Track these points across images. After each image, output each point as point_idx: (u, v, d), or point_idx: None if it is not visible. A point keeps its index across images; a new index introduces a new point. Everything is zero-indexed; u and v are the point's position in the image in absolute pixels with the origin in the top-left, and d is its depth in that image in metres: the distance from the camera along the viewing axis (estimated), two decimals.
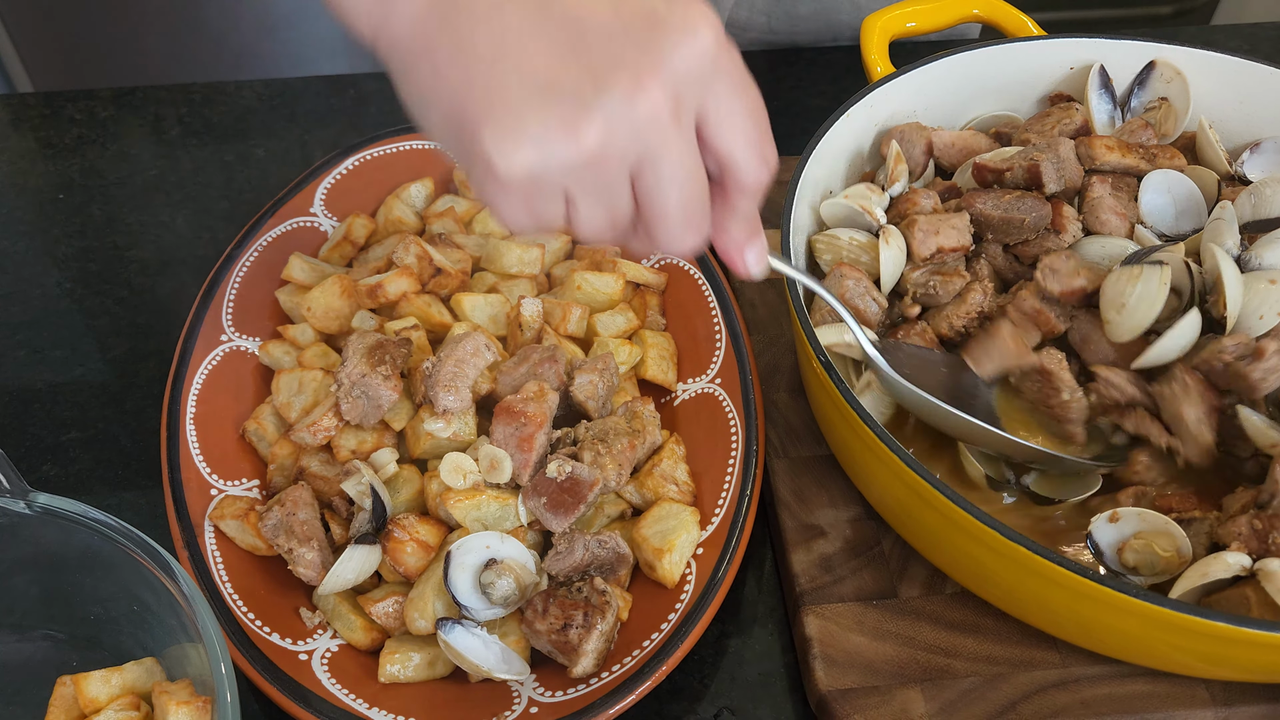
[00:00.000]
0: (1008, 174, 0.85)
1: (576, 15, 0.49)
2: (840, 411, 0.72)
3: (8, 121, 1.15)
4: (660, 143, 0.50)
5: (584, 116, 0.48)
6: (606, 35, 0.49)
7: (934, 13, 0.99)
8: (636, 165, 0.51)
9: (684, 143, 0.51)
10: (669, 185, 0.52)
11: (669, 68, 0.49)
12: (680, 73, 0.49)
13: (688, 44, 0.49)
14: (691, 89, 0.50)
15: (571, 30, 0.49)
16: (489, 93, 0.49)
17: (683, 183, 0.52)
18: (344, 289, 0.88)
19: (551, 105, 0.49)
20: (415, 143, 1.02)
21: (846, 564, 0.79)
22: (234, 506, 0.78)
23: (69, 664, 0.74)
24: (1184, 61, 0.92)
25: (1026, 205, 0.82)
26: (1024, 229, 0.82)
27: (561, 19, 0.49)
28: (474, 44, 0.49)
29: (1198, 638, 0.63)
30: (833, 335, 0.79)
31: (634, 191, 0.53)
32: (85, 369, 0.94)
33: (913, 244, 0.83)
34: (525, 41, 0.49)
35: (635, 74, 0.48)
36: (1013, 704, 0.73)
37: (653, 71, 0.48)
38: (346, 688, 0.72)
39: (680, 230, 0.54)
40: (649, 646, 0.72)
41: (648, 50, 0.48)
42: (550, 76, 0.49)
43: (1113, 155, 0.86)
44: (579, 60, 0.49)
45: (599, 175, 0.51)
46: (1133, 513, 0.71)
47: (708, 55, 0.50)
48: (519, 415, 0.78)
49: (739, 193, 0.54)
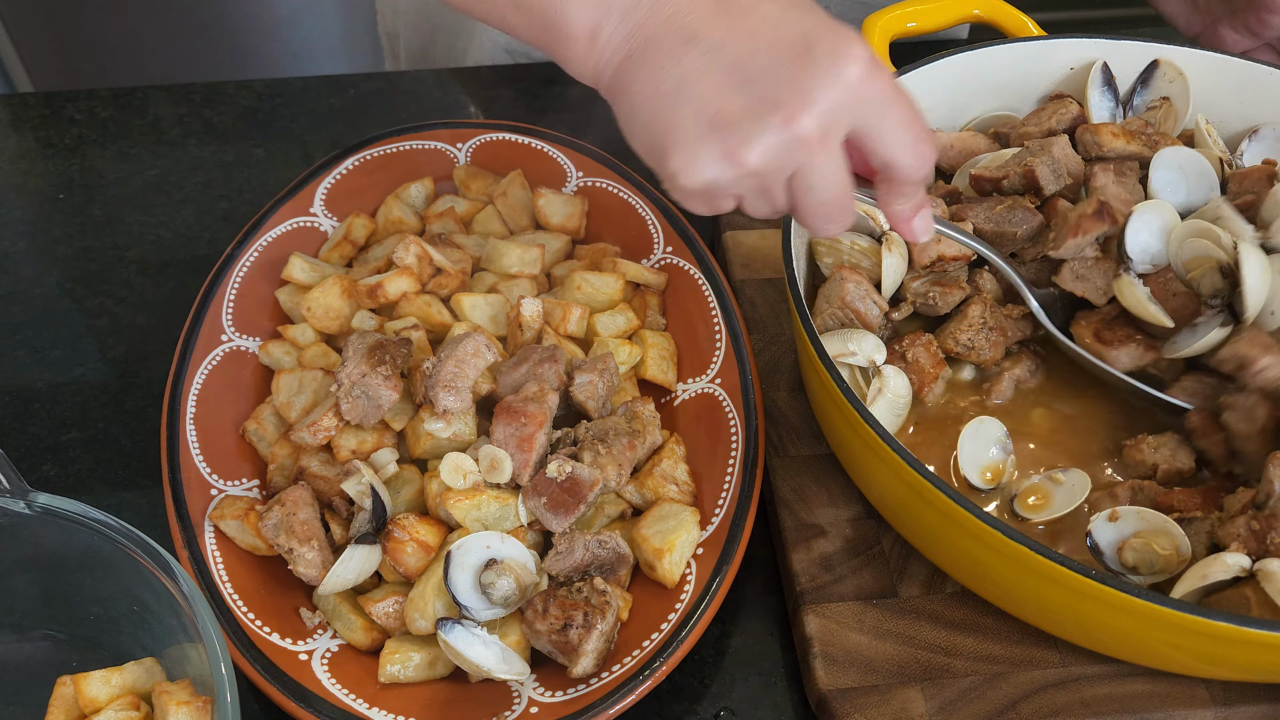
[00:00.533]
0: (1004, 181, 0.86)
1: (740, 58, 0.59)
2: (840, 410, 0.72)
3: (8, 121, 1.15)
4: (807, 159, 0.61)
5: (745, 146, 0.60)
6: (764, 75, 0.59)
7: (934, 13, 0.99)
8: (790, 175, 0.63)
9: (827, 158, 0.61)
10: (813, 191, 0.63)
11: (817, 103, 0.59)
12: (828, 104, 0.59)
13: (833, 79, 0.59)
14: (839, 114, 0.60)
15: (737, 72, 0.59)
16: (672, 126, 0.61)
17: (823, 188, 0.63)
18: (344, 289, 0.88)
19: (720, 137, 0.60)
20: (415, 143, 1.02)
21: (846, 563, 0.79)
22: (234, 506, 0.78)
23: (69, 664, 0.74)
24: (1185, 61, 0.93)
25: (1018, 217, 0.83)
26: (1017, 240, 0.83)
27: (729, 63, 0.59)
28: (660, 84, 0.61)
29: (1197, 637, 0.63)
30: (836, 345, 0.79)
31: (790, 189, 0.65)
32: (85, 369, 0.94)
33: (913, 251, 0.83)
34: (700, 82, 0.60)
35: (789, 110, 0.59)
36: (1012, 703, 0.73)
37: (803, 107, 0.59)
38: (346, 688, 0.72)
39: (822, 221, 0.66)
40: (649, 646, 0.72)
41: (798, 89, 0.59)
42: (720, 111, 0.60)
43: (1118, 142, 0.86)
44: (743, 97, 0.59)
45: (759, 184, 0.63)
46: (1132, 512, 0.71)
47: (851, 86, 0.59)
48: (519, 415, 0.78)
49: (901, 184, 0.66)
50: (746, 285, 0.97)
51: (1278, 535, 0.67)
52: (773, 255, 0.98)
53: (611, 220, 0.99)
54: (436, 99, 1.18)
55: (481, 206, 0.99)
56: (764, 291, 0.96)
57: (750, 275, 0.97)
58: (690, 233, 0.95)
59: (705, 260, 0.93)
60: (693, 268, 0.93)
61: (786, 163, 0.61)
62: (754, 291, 0.96)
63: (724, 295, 0.91)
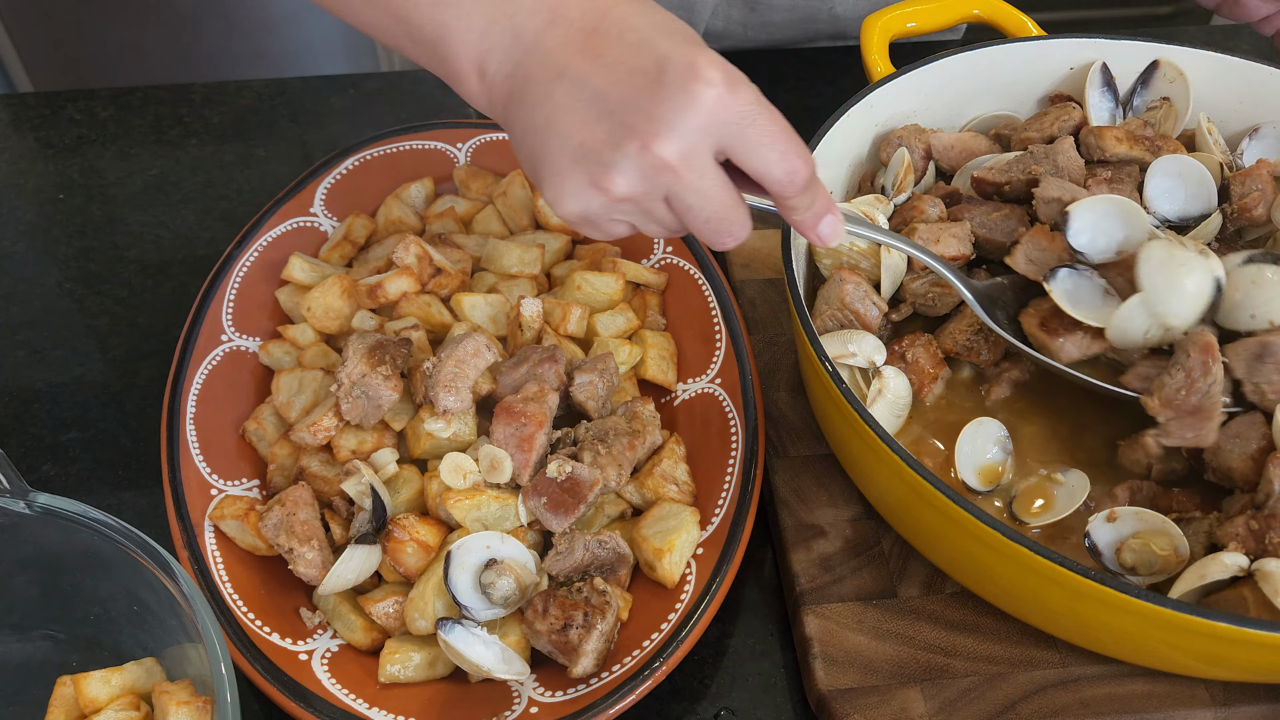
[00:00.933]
0: (1007, 187, 0.85)
1: (600, 89, 0.61)
2: (840, 411, 0.72)
3: (8, 121, 1.15)
4: (674, 182, 0.62)
5: (608, 175, 0.62)
6: (622, 104, 0.60)
7: (934, 13, 0.99)
8: (665, 198, 0.63)
9: (696, 178, 0.62)
10: (693, 210, 0.64)
11: (670, 127, 0.60)
12: (682, 128, 0.60)
13: (685, 103, 0.60)
14: (696, 137, 0.61)
15: (599, 103, 0.61)
16: (544, 158, 0.64)
17: (701, 207, 0.64)
18: (344, 289, 0.88)
19: (583, 167, 0.62)
20: (415, 143, 1.02)
21: (846, 563, 0.79)
22: (234, 506, 0.78)
23: (69, 664, 0.74)
24: (1185, 61, 0.93)
25: (1010, 227, 0.83)
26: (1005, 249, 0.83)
27: (591, 95, 0.61)
28: (534, 120, 0.63)
29: (1195, 637, 0.63)
30: (836, 346, 0.79)
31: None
32: (85, 369, 0.94)
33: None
34: (566, 116, 0.62)
35: (643, 137, 0.60)
36: (1012, 704, 0.73)
37: (656, 133, 0.60)
38: (346, 688, 0.72)
39: (715, 236, 0.66)
40: (649, 646, 0.72)
41: (651, 116, 0.60)
42: (583, 143, 0.62)
43: (1121, 147, 0.86)
44: (602, 127, 0.61)
45: (637, 208, 0.64)
46: (1130, 512, 0.71)
47: (705, 108, 0.60)
48: (519, 415, 0.78)
49: (783, 197, 0.66)
50: (746, 285, 0.97)
51: (1277, 535, 0.67)
52: (773, 255, 0.98)
53: None
54: (436, 99, 1.19)
55: (481, 206, 0.99)
56: (764, 291, 0.96)
57: (750, 275, 0.97)
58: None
59: (705, 260, 0.93)
60: (693, 268, 0.93)
61: (653, 187, 0.62)
62: (754, 291, 0.96)
63: (724, 295, 0.91)
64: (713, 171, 0.63)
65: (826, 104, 0.89)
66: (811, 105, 1.17)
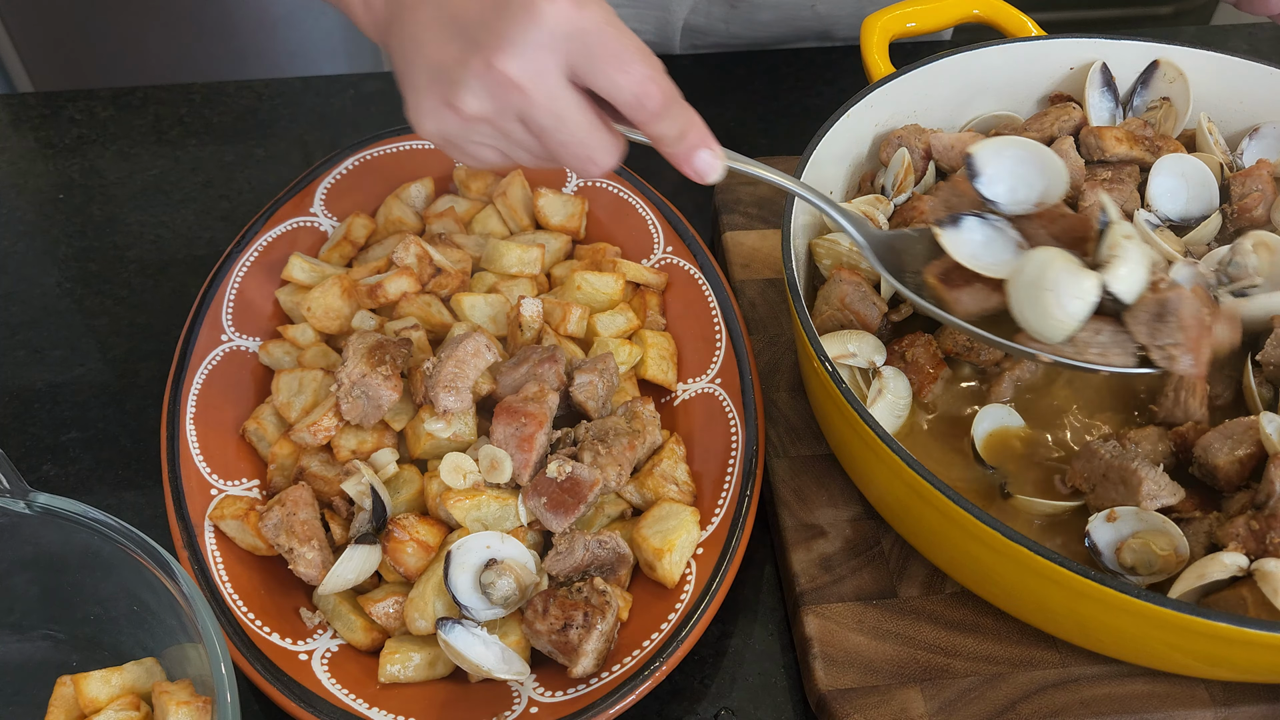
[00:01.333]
0: None
1: (456, 10, 0.62)
2: (840, 411, 0.72)
3: (8, 121, 1.15)
4: (523, 101, 0.61)
5: (456, 93, 0.62)
6: (472, 23, 0.61)
7: (934, 13, 0.99)
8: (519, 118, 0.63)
9: (546, 98, 0.61)
10: (548, 132, 0.63)
11: (513, 44, 0.60)
12: (524, 45, 0.60)
13: (527, 21, 0.60)
14: (540, 55, 0.60)
15: (454, 24, 0.62)
16: (405, 77, 0.65)
17: (556, 129, 0.63)
18: (344, 289, 0.88)
19: (437, 86, 0.63)
20: (415, 143, 1.02)
21: (846, 563, 0.79)
22: (234, 506, 0.78)
23: (69, 664, 0.74)
24: (1185, 61, 0.93)
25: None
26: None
27: (449, 16, 0.62)
28: (401, 39, 0.65)
29: (1195, 637, 0.63)
30: (836, 346, 0.79)
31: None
32: (85, 369, 0.94)
33: None
34: (425, 35, 0.63)
35: (486, 54, 0.60)
36: (1012, 704, 0.73)
37: (497, 50, 0.60)
38: (346, 688, 0.72)
39: (576, 162, 0.65)
40: (649, 646, 0.72)
41: (495, 33, 0.60)
42: (438, 62, 0.63)
43: (1121, 147, 0.86)
44: (455, 46, 0.62)
45: (494, 129, 0.64)
46: (1130, 512, 0.71)
47: (547, 26, 0.60)
48: (519, 415, 0.78)
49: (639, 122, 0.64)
50: (746, 285, 0.97)
51: (1277, 535, 0.67)
52: (773, 255, 0.98)
53: (611, 220, 0.99)
54: None
55: (481, 206, 0.99)
56: (764, 292, 0.96)
57: (750, 275, 0.97)
58: (690, 233, 0.95)
59: (705, 260, 0.93)
60: (693, 268, 0.93)
61: (503, 106, 0.62)
62: (754, 292, 0.96)
63: (724, 295, 0.91)
64: (564, 93, 0.62)
65: (826, 104, 0.89)
66: (811, 105, 1.17)
